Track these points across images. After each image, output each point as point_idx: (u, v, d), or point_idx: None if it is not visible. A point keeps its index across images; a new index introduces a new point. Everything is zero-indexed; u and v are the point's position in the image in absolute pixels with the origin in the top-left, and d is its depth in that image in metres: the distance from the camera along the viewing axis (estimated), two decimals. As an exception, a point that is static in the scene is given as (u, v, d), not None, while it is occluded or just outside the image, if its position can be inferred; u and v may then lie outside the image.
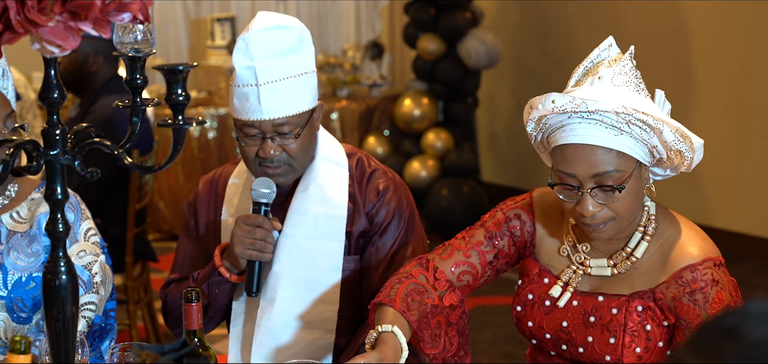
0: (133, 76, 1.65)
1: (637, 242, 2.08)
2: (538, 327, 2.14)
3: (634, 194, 2.01)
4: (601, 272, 2.10)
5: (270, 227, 2.33)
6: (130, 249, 4.14)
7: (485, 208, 6.52)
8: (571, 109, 1.95)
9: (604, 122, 1.95)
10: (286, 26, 2.34)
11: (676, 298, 2.02)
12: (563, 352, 2.15)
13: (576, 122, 1.97)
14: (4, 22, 1.45)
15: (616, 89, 1.96)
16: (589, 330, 2.08)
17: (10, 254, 2.33)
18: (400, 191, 2.47)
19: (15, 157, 1.61)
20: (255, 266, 2.33)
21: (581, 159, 1.98)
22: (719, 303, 2.00)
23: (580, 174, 1.98)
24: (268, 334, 2.36)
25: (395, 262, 2.42)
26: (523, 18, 7.17)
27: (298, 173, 2.41)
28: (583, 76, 2.02)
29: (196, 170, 6.45)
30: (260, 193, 2.34)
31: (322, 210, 2.40)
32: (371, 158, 2.51)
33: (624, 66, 1.99)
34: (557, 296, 2.11)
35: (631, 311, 2.04)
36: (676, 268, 2.03)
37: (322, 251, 2.39)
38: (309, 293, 2.38)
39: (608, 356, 2.05)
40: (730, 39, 5.96)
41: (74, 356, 1.66)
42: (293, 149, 2.35)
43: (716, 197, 6.10)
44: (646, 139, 1.96)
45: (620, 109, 1.92)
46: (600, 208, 1.99)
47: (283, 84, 2.32)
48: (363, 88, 7.06)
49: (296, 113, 2.33)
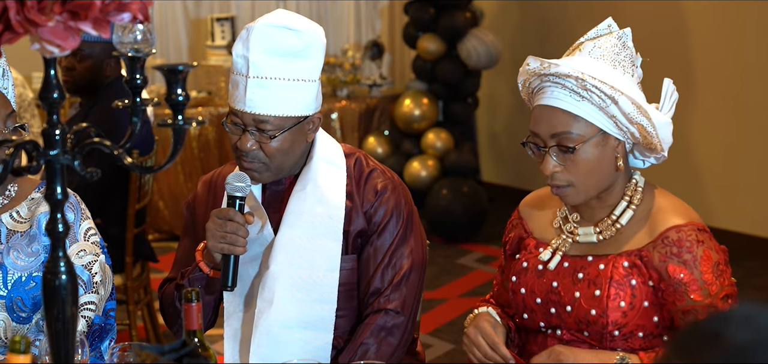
0: (133, 76, 1.64)
1: (623, 209, 2.20)
2: (530, 292, 2.24)
3: (592, 161, 2.14)
4: (587, 238, 2.22)
5: (242, 220, 2.31)
6: (130, 249, 4.14)
7: (485, 208, 6.56)
8: (539, 71, 2.14)
9: (567, 87, 2.11)
10: (294, 29, 2.33)
11: (663, 259, 2.11)
12: (552, 317, 2.21)
13: (547, 86, 2.15)
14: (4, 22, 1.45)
15: (593, 61, 2.13)
16: (576, 286, 2.18)
17: (10, 254, 2.33)
18: (399, 190, 2.47)
19: (15, 157, 1.61)
20: (230, 260, 2.31)
21: (544, 119, 2.15)
22: (708, 261, 2.10)
23: (542, 133, 2.15)
24: (266, 334, 2.36)
25: (393, 261, 2.42)
26: (523, 18, 7.17)
27: (273, 174, 2.40)
28: (574, 48, 2.19)
29: (196, 170, 6.45)
30: (234, 187, 2.33)
31: (319, 210, 2.39)
32: (370, 158, 2.51)
33: (607, 41, 2.15)
34: (547, 259, 2.24)
35: (617, 266, 2.15)
36: (661, 229, 2.14)
37: (319, 250, 2.38)
38: (306, 293, 2.37)
39: (594, 310, 2.14)
40: (730, 39, 5.96)
41: (74, 356, 1.66)
42: (269, 149, 2.34)
43: (716, 197, 6.10)
44: (604, 107, 2.09)
45: (577, 74, 2.07)
46: (560, 169, 2.15)
47: (273, 83, 2.31)
48: (363, 88, 7.07)
49: (280, 115, 2.33)
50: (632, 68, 2.16)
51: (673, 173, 6.11)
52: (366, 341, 2.38)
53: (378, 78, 7.14)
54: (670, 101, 2.19)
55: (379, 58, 7.20)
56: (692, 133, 6.17)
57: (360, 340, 2.38)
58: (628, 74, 2.14)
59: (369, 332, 2.39)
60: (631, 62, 2.16)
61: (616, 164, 2.16)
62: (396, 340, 2.40)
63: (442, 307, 5.26)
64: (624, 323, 2.13)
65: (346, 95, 6.92)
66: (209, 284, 2.41)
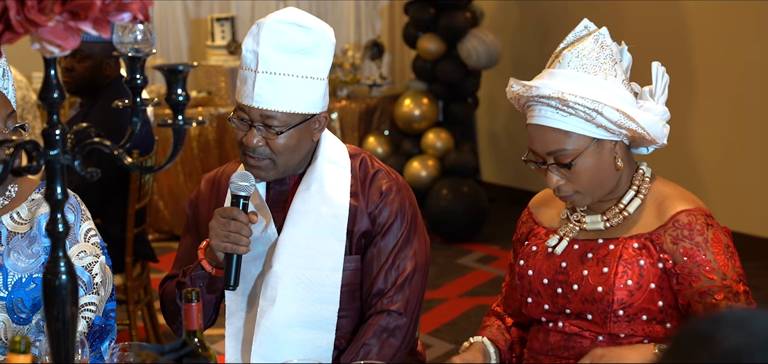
0: (133, 76, 1.64)
1: (631, 199, 2.24)
2: (538, 273, 2.28)
3: (593, 168, 2.18)
4: (595, 226, 2.25)
5: (245, 219, 2.31)
6: (130, 249, 4.14)
7: (485, 208, 6.56)
8: (522, 93, 2.18)
9: (552, 106, 2.14)
10: (304, 26, 2.33)
11: (676, 241, 2.15)
12: (558, 298, 2.24)
13: (534, 104, 2.19)
14: (4, 22, 1.45)
15: (573, 72, 2.15)
16: (585, 265, 2.21)
17: (11, 255, 2.33)
18: (403, 192, 2.47)
19: (15, 157, 1.60)
20: (232, 260, 2.31)
21: (538, 138, 2.19)
22: (719, 243, 2.15)
23: (539, 151, 2.20)
24: (268, 334, 2.35)
25: (397, 262, 2.42)
26: (523, 18, 7.17)
27: (279, 173, 2.40)
28: (554, 58, 2.21)
29: (196, 170, 6.45)
30: (238, 186, 2.33)
31: (323, 210, 2.39)
32: (375, 159, 2.51)
33: (584, 47, 2.16)
34: (554, 244, 2.28)
35: (627, 247, 2.18)
36: (670, 213, 2.18)
37: (322, 250, 2.38)
38: (309, 293, 2.37)
39: (600, 287, 2.17)
40: (730, 39, 5.96)
41: (74, 357, 1.66)
42: (275, 145, 2.34)
43: (717, 197, 6.09)
44: (591, 119, 2.13)
45: (558, 94, 2.11)
46: (563, 181, 2.19)
47: (281, 79, 2.31)
48: (363, 88, 7.06)
49: (287, 111, 2.33)
50: (614, 67, 2.17)
51: (673, 173, 6.10)
52: (368, 341, 2.38)
53: (378, 78, 7.14)
54: (662, 84, 2.22)
55: (379, 58, 7.20)
56: (692, 133, 6.17)
57: (362, 340, 2.38)
58: (611, 75, 2.16)
59: (371, 333, 2.38)
60: (612, 62, 2.17)
61: (616, 164, 2.19)
62: (398, 341, 2.40)
63: (442, 307, 5.26)
64: (629, 302, 2.15)
65: (346, 95, 6.92)
66: (211, 283, 2.41)
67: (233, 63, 6.77)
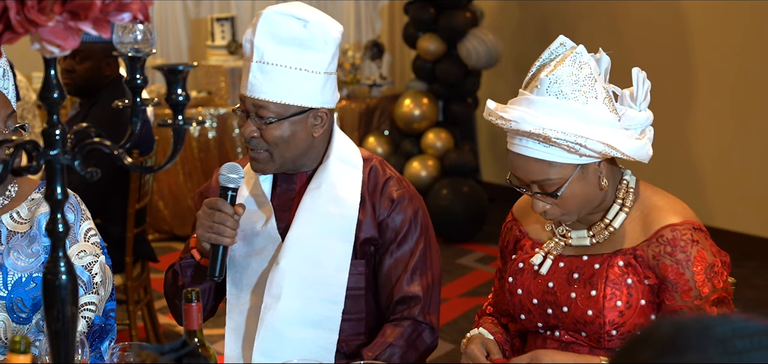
0: (133, 76, 1.65)
1: (615, 213, 2.19)
2: (527, 292, 2.24)
3: (579, 194, 2.13)
4: (581, 241, 2.22)
5: (231, 211, 2.31)
6: (130, 249, 4.14)
7: (485, 208, 6.56)
8: (502, 126, 2.11)
9: (533, 137, 2.07)
10: (302, 18, 2.33)
11: (657, 257, 2.10)
12: (549, 318, 2.21)
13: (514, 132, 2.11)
14: (4, 22, 1.45)
15: (552, 100, 2.07)
16: (572, 287, 2.17)
17: (10, 255, 2.33)
18: (416, 201, 2.47)
19: (15, 157, 1.61)
20: (218, 251, 2.32)
21: (520, 167, 2.15)
22: (702, 262, 2.08)
23: (522, 179, 2.16)
24: (271, 330, 2.35)
25: (415, 271, 2.42)
26: (523, 18, 7.17)
27: (277, 166, 2.40)
28: (531, 78, 2.14)
29: (196, 170, 6.45)
30: (227, 178, 2.33)
31: (332, 209, 2.39)
32: (386, 165, 2.50)
33: (561, 73, 2.08)
34: (539, 262, 2.23)
35: (612, 265, 2.14)
36: (656, 227, 2.12)
37: (329, 250, 2.38)
38: (314, 292, 2.37)
39: (590, 311, 2.14)
40: (730, 39, 5.96)
41: (74, 356, 1.66)
42: (268, 136, 2.35)
43: (716, 197, 6.10)
44: (574, 150, 2.07)
45: (539, 131, 2.04)
46: (549, 207, 2.14)
47: (274, 69, 2.32)
48: (363, 88, 7.07)
49: (280, 102, 2.33)
50: (594, 86, 2.09)
51: (673, 173, 6.11)
52: (395, 342, 2.38)
53: (378, 78, 7.14)
54: (643, 91, 2.15)
55: (379, 58, 7.20)
56: (692, 133, 6.17)
57: (390, 340, 2.38)
58: (592, 97, 2.08)
59: (402, 338, 2.38)
60: (591, 81, 2.09)
61: (601, 184, 2.15)
62: (420, 355, 2.43)
63: (443, 307, 5.24)
64: (621, 322, 2.12)
65: (346, 95, 6.92)
66: (198, 272, 2.42)
67: (233, 63, 6.77)
